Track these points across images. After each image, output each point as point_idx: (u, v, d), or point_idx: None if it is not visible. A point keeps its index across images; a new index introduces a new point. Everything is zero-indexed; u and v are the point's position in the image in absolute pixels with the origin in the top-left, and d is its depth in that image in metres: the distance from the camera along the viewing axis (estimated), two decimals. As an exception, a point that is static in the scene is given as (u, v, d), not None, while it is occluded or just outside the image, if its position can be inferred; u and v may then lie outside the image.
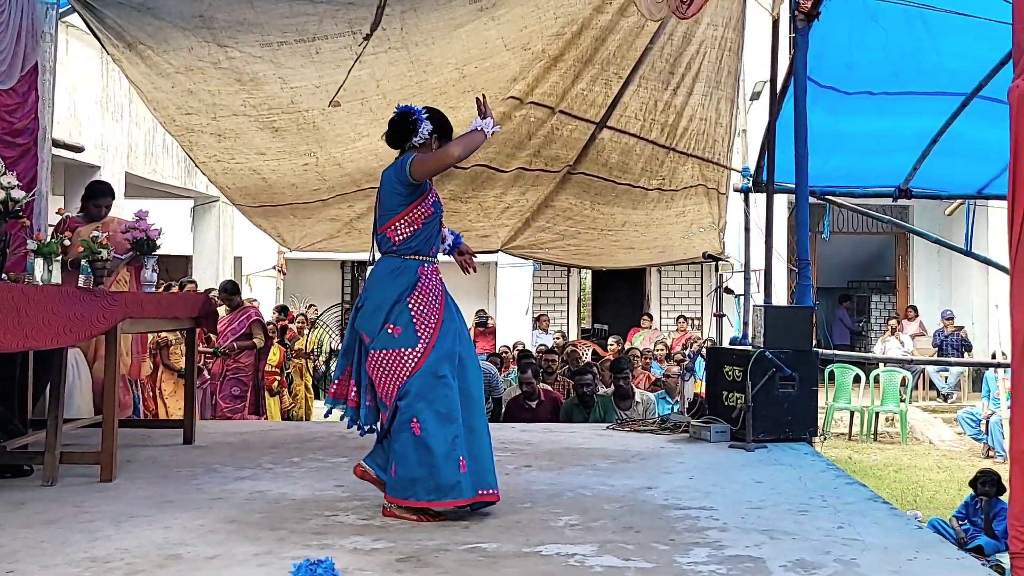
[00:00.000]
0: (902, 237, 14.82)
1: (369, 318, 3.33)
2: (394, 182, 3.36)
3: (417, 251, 3.40)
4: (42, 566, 2.71)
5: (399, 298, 3.31)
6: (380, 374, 3.29)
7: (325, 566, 2.58)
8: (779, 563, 2.79)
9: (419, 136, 3.42)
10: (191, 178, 10.70)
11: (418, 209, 3.38)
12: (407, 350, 3.26)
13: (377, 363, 3.29)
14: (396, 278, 3.34)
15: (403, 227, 3.37)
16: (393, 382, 3.26)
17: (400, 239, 3.37)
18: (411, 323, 3.28)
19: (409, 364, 3.26)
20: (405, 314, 3.29)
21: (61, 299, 3.50)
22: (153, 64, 5.99)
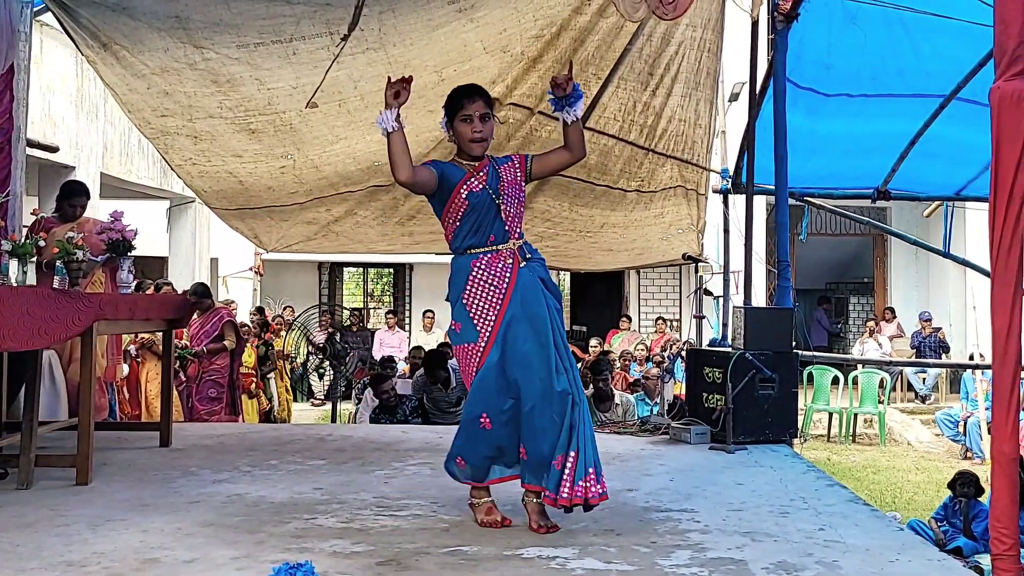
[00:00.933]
0: (880, 239, 14.96)
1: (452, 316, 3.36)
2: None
3: (470, 245, 3.27)
4: (17, 570, 2.67)
5: (457, 297, 3.28)
6: (461, 366, 3.33)
7: (305, 570, 2.55)
8: (761, 565, 2.79)
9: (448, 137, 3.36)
10: (167, 179, 10.60)
11: (452, 209, 3.27)
12: (469, 345, 3.23)
13: (457, 356, 3.33)
14: (455, 277, 3.31)
15: (447, 228, 3.34)
16: (466, 375, 3.28)
17: (451, 240, 3.34)
18: (469, 319, 3.23)
19: (473, 360, 3.23)
20: (463, 311, 3.25)
21: (36, 300, 3.44)
22: (128, 65, 5.91)
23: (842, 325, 16.48)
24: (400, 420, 6.81)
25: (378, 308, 18.24)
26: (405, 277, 16.71)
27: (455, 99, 3.30)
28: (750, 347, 5.10)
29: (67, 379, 5.19)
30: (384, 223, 8.17)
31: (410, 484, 3.99)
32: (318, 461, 4.48)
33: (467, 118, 3.26)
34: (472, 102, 3.27)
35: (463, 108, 3.26)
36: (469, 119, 3.25)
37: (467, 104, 3.27)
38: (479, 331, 3.21)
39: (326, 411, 9.91)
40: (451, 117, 3.30)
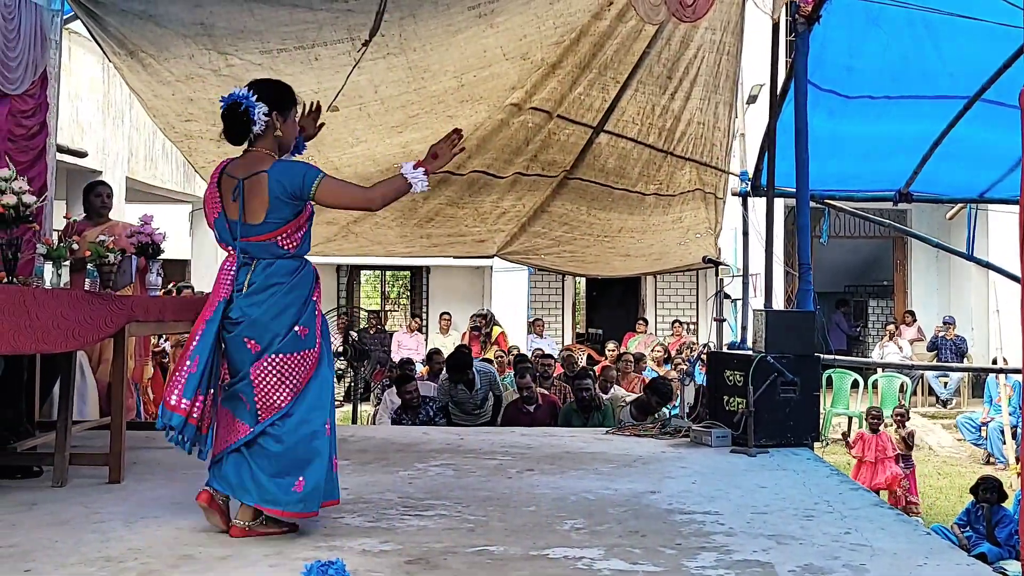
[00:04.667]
0: (900, 242, 14.86)
1: (267, 324, 3.04)
2: (289, 194, 3.04)
3: (308, 251, 3.20)
4: (58, 565, 2.73)
5: (307, 298, 3.11)
6: (273, 381, 3.03)
7: (336, 567, 2.60)
8: (788, 568, 2.80)
9: (258, 124, 3.07)
10: (190, 183, 10.73)
11: (304, 214, 3.15)
12: (308, 352, 3.08)
13: (273, 369, 3.03)
14: (302, 279, 3.11)
15: (295, 234, 3.10)
16: (289, 389, 3.05)
17: (294, 246, 3.11)
18: (314, 324, 3.13)
19: (308, 365, 3.09)
20: (312, 316, 3.11)
21: (70, 302, 3.52)
22: (154, 72, 6.00)
23: (861, 329, 16.38)
24: (423, 421, 6.86)
25: (395, 311, 18.32)
26: (422, 280, 16.78)
27: (291, 92, 3.20)
28: (771, 350, 5.10)
29: (97, 380, 5.27)
30: (403, 224, 8.24)
31: (434, 485, 4.02)
32: (342, 461, 4.45)
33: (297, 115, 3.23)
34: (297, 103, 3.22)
35: (296, 105, 3.21)
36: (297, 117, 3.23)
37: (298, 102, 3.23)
38: (316, 338, 3.12)
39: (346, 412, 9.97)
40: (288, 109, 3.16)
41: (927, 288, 14.84)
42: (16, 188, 3.29)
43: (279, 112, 3.13)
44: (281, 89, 3.19)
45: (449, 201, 7.87)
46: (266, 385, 3.04)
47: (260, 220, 3.06)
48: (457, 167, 7.54)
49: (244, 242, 3.09)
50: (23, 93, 5.17)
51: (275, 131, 3.12)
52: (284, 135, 3.15)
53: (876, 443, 8.00)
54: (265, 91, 3.11)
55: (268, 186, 3.03)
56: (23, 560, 2.77)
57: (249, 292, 3.07)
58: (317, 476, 3.08)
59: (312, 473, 3.07)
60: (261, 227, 3.07)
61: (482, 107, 6.90)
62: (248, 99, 3.07)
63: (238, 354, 3.09)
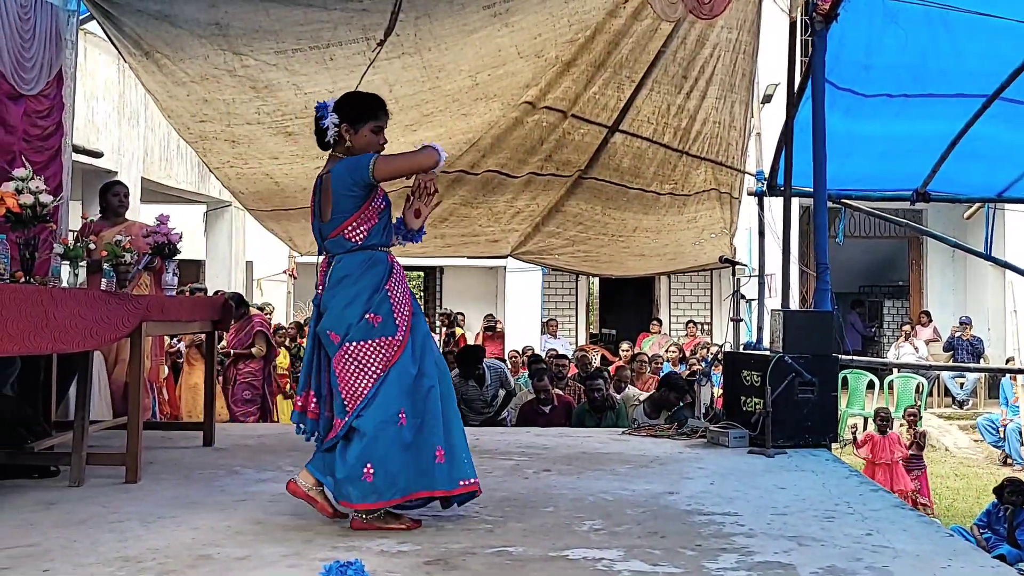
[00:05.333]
0: (915, 241, 14.76)
1: (341, 314, 3.19)
2: (350, 185, 3.20)
3: (382, 243, 3.30)
4: (76, 565, 2.73)
5: (377, 287, 3.21)
6: (353, 369, 3.15)
7: (355, 568, 2.59)
8: (810, 570, 2.77)
9: (330, 133, 3.27)
10: (204, 183, 10.76)
11: (372, 205, 3.26)
12: (387, 339, 3.17)
13: (352, 357, 3.15)
14: (370, 268, 3.23)
15: (360, 225, 3.23)
16: (368, 376, 3.14)
17: (360, 237, 3.23)
18: (391, 312, 3.20)
19: (389, 353, 3.17)
20: (386, 303, 3.20)
21: (87, 302, 3.52)
22: (169, 73, 6.01)
23: (876, 329, 16.28)
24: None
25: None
26: (435, 280, 16.80)
27: (372, 107, 3.33)
28: (789, 350, 5.06)
29: (112, 379, 5.28)
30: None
31: (450, 485, 4.00)
32: (358, 462, 4.51)
33: (379, 129, 3.34)
34: (386, 116, 3.38)
35: (378, 119, 3.33)
36: (380, 130, 3.35)
37: (383, 116, 3.35)
38: (398, 326, 3.21)
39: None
40: (360, 121, 3.29)
41: (943, 288, 14.74)
42: (33, 188, 3.29)
43: (349, 124, 3.29)
44: (358, 103, 3.34)
45: (463, 201, 7.85)
46: (347, 374, 3.17)
47: (329, 217, 3.27)
48: (471, 166, 7.53)
49: (325, 241, 3.31)
50: (38, 93, 5.19)
51: (346, 142, 3.30)
52: (353, 146, 3.30)
53: (886, 445, 7.92)
54: (342, 103, 3.32)
55: (332, 184, 3.24)
56: (41, 560, 2.77)
57: (329, 287, 3.28)
58: (392, 465, 3.12)
59: (386, 462, 3.12)
60: (331, 223, 3.27)
61: (496, 105, 6.88)
62: (324, 110, 3.30)
63: (328, 348, 3.26)
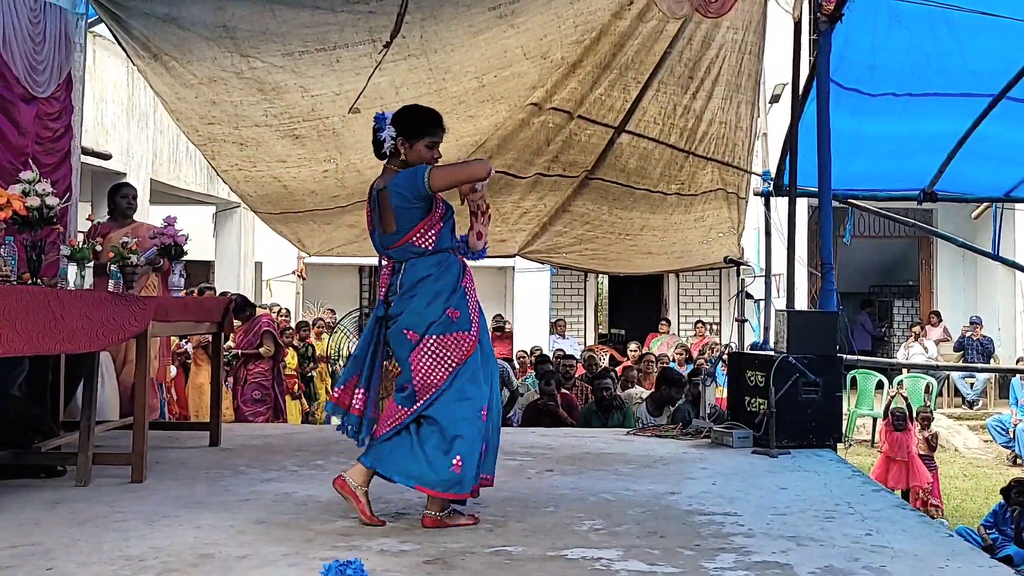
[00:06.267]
0: (925, 241, 14.69)
1: (423, 312, 3.30)
2: (408, 198, 3.30)
3: (450, 246, 3.40)
4: (79, 564, 2.76)
5: (456, 285, 3.34)
6: (430, 362, 3.27)
7: (355, 567, 2.61)
8: (807, 570, 2.78)
9: (387, 145, 3.38)
10: (213, 185, 10.82)
11: (435, 213, 3.36)
12: (464, 333, 3.30)
13: (430, 349, 3.27)
14: (447, 269, 3.35)
15: (428, 231, 3.34)
16: (444, 369, 3.27)
17: (430, 243, 3.34)
18: (467, 309, 3.34)
19: (464, 348, 3.29)
20: (464, 300, 3.34)
21: (93, 303, 3.56)
22: (177, 75, 6.06)
23: (886, 329, 16.21)
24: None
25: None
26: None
27: (429, 123, 3.42)
28: (793, 351, 5.06)
29: (121, 380, 5.33)
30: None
31: (453, 485, 4.02)
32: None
33: (434, 144, 3.42)
34: (443, 132, 3.46)
35: (434, 135, 3.42)
36: (435, 146, 3.42)
37: (439, 132, 3.43)
38: (472, 322, 3.35)
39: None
40: (416, 137, 3.38)
41: (953, 288, 14.67)
42: (40, 190, 3.33)
43: (405, 139, 3.38)
44: (415, 117, 3.43)
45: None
46: (423, 367, 3.28)
47: (393, 229, 3.37)
48: (478, 168, 7.55)
49: (389, 250, 3.42)
50: (50, 96, 5.25)
51: (401, 155, 3.39)
52: (408, 159, 3.38)
53: (902, 441, 7.90)
54: (400, 117, 3.41)
55: (391, 200, 3.34)
56: (45, 558, 2.81)
57: (404, 290, 3.36)
58: (472, 458, 3.24)
59: (468, 454, 3.23)
60: (395, 235, 3.37)
61: (503, 107, 6.90)
62: (383, 121, 3.41)
63: (399, 348, 3.36)
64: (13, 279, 3.31)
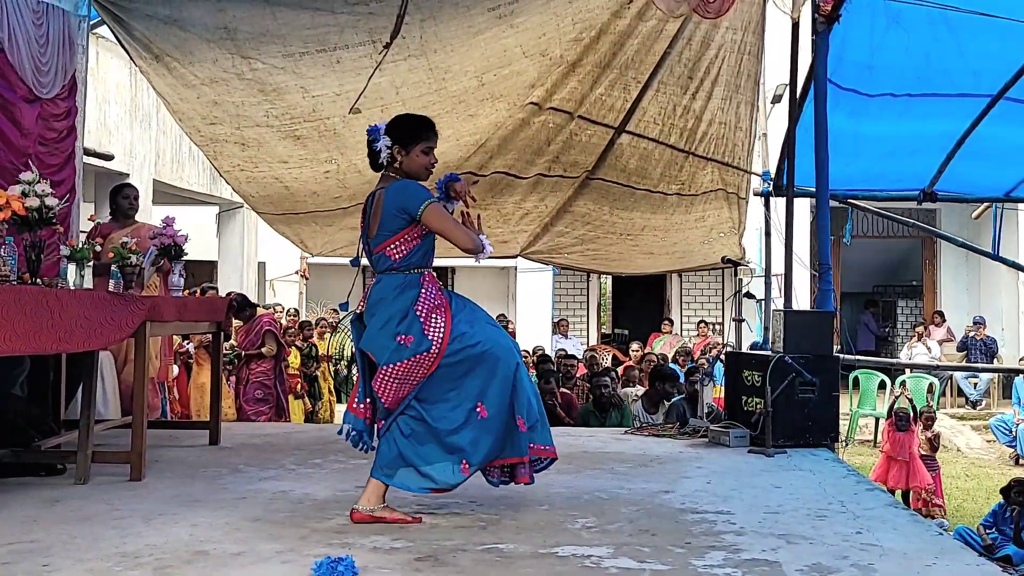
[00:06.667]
0: (929, 241, 14.67)
1: (376, 336, 3.33)
2: (399, 208, 3.31)
3: (417, 265, 3.39)
4: (75, 560, 2.80)
5: (407, 311, 3.31)
6: (394, 385, 3.30)
7: (345, 564, 2.65)
8: (795, 567, 2.80)
9: (383, 155, 3.39)
10: (216, 185, 10.87)
11: (415, 228, 3.35)
12: (423, 354, 3.28)
13: (389, 377, 3.29)
14: (402, 292, 3.34)
15: (401, 246, 3.35)
16: (407, 387, 3.30)
17: (400, 256, 3.35)
18: (421, 330, 3.30)
19: (425, 366, 3.29)
20: (416, 323, 3.30)
21: (92, 303, 3.60)
22: (179, 76, 6.10)
23: (890, 329, 16.20)
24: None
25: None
26: (447, 280, 16.84)
27: (422, 129, 3.44)
28: (790, 350, 5.08)
29: (122, 379, 5.37)
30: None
31: (449, 483, 4.04)
32: (360, 460, 4.55)
33: (429, 150, 3.44)
34: (436, 137, 3.47)
35: (429, 140, 3.44)
36: (431, 151, 3.44)
37: (433, 138, 3.45)
38: (431, 340, 3.31)
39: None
40: (411, 143, 3.39)
41: (957, 288, 14.65)
42: (39, 191, 3.37)
43: (401, 146, 3.39)
44: (409, 125, 3.46)
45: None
46: (386, 390, 3.31)
47: (375, 233, 3.39)
48: (479, 168, 7.57)
49: (371, 256, 3.43)
50: (54, 97, 5.28)
51: (398, 162, 3.40)
52: (404, 166, 3.40)
53: (904, 441, 7.89)
54: (393, 126, 3.43)
55: (384, 202, 3.35)
56: (42, 555, 2.84)
57: (368, 307, 3.41)
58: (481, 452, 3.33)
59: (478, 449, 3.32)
60: (376, 239, 3.39)
61: (502, 105, 6.92)
62: (376, 132, 3.42)
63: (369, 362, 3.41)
64: (13, 279, 3.35)
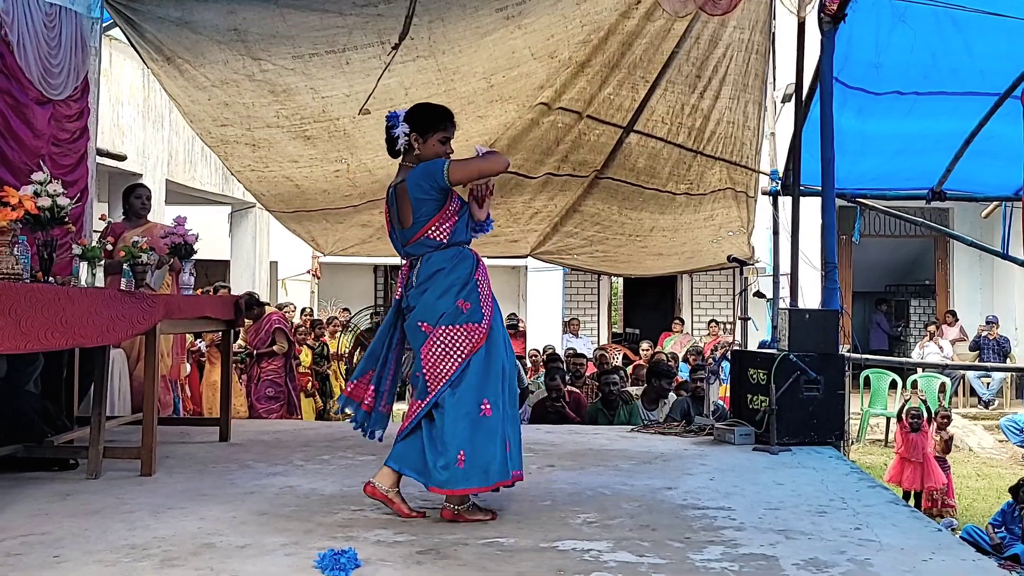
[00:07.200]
0: (942, 240, 14.59)
1: (434, 304, 3.36)
2: (426, 189, 3.36)
3: (465, 240, 3.47)
4: (85, 552, 2.86)
5: (468, 278, 3.39)
6: (440, 352, 3.31)
7: (348, 556, 2.70)
8: (792, 562, 2.83)
9: (401, 142, 3.45)
10: (228, 184, 10.96)
11: (450, 206, 3.42)
12: (474, 325, 3.34)
13: (440, 340, 3.32)
14: (460, 262, 3.41)
15: (443, 225, 3.40)
16: (453, 359, 3.31)
17: (445, 236, 3.40)
18: (479, 300, 3.38)
19: (475, 339, 3.33)
20: (475, 292, 3.38)
21: (103, 300, 3.67)
22: (190, 77, 6.18)
23: (903, 329, 16.13)
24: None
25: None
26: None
27: (441, 118, 3.48)
28: (795, 348, 5.10)
29: (134, 377, 5.45)
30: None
31: (455, 480, 4.09)
32: (368, 457, 4.63)
33: (447, 139, 3.48)
34: (454, 127, 3.51)
35: (446, 130, 3.48)
36: (448, 141, 3.48)
37: (451, 128, 3.50)
38: (484, 314, 3.38)
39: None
40: (429, 131, 3.44)
41: (970, 287, 14.57)
42: (51, 191, 3.44)
43: (418, 133, 3.44)
44: (427, 113, 3.50)
45: (481, 202, 7.95)
46: (432, 356, 3.33)
47: (410, 223, 3.43)
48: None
49: (407, 247, 3.46)
50: (66, 98, 5.36)
51: (415, 150, 3.45)
52: (422, 153, 3.45)
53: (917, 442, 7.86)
54: (412, 114, 3.48)
55: (408, 191, 3.40)
56: (53, 547, 2.91)
57: (419, 283, 3.43)
58: (483, 453, 3.27)
59: (476, 448, 3.27)
60: (412, 228, 3.43)
61: (511, 107, 6.97)
62: (395, 119, 3.47)
63: (414, 340, 3.42)
64: (26, 277, 3.42)
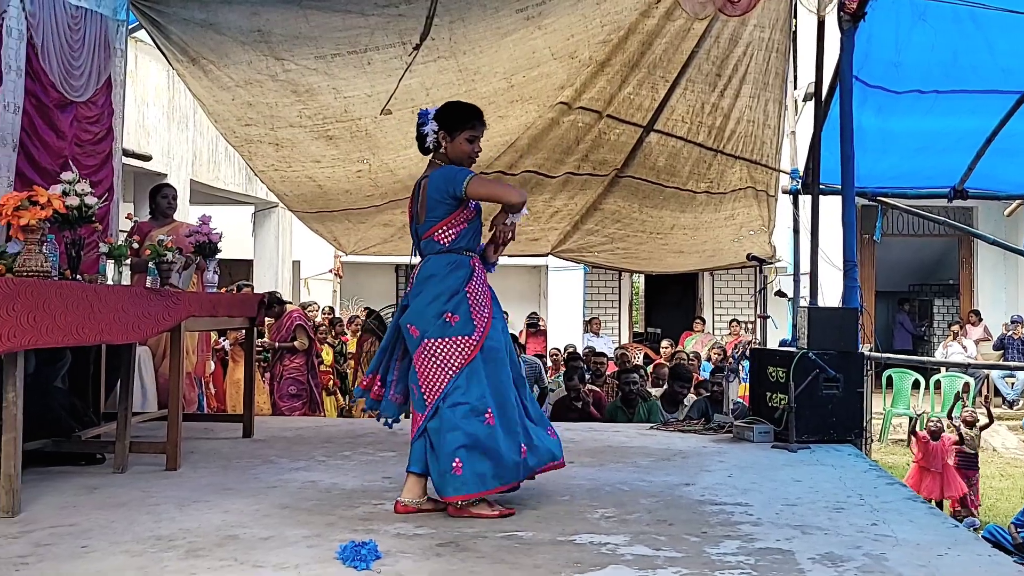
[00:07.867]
0: (966, 240, 14.45)
1: (423, 311, 3.38)
2: (443, 192, 3.40)
3: (467, 247, 3.48)
4: (112, 543, 2.94)
5: (458, 288, 3.39)
6: (432, 364, 3.33)
7: (369, 547, 2.75)
8: (807, 556, 2.85)
9: (430, 140, 3.49)
10: (252, 185, 11.07)
11: (463, 212, 3.46)
12: (463, 338, 3.35)
13: (430, 353, 3.34)
14: (454, 271, 3.42)
15: (449, 229, 3.43)
16: (445, 372, 3.32)
17: (449, 240, 3.43)
18: (468, 312, 3.38)
19: (465, 352, 3.35)
20: (464, 304, 3.38)
21: (130, 298, 3.75)
22: (215, 78, 6.27)
23: (926, 328, 15.98)
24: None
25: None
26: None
27: (469, 117, 3.50)
28: (814, 347, 5.10)
29: (160, 373, 5.55)
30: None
31: (474, 475, 4.13)
32: (388, 453, 4.69)
33: (474, 139, 3.50)
34: (483, 127, 3.53)
35: (474, 129, 3.50)
36: (476, 140, 3.50)
37: (479, 127, 3.52)
38: (476, 326, 3.38)
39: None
40: (456, 130, 3.46)
41: (994, 286, 14.41)
42: (79, 190, 3.52)
43: (446, 132, 3.48)
44: (456, 111, 3.53)
45: (502, 201, 8.00)
46: (425, 369, 3.37)
47: (424, 220, 3.49)
48: (509, 167, 7.67)
49: (420, 241, 3.52)
50: (88, 100, 5.44)
51: (443, 147, 3.49)
52: (449, 152, 3.49)
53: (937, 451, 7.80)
54: (442, 112, 3.52)
55: (428, 189, 3.45)
56: (81, 538, 2.99)
57: (416, 284, 3.49)
58: (479, 462, 3.30)
59: (472, 457, 3.30)
60: (425, 225, 3.48)
61: (532, 107, 7.00)
62: (425, 116, 3.51)
63: (408, 341, 3.47)
64: (55, 275, 3.50)
